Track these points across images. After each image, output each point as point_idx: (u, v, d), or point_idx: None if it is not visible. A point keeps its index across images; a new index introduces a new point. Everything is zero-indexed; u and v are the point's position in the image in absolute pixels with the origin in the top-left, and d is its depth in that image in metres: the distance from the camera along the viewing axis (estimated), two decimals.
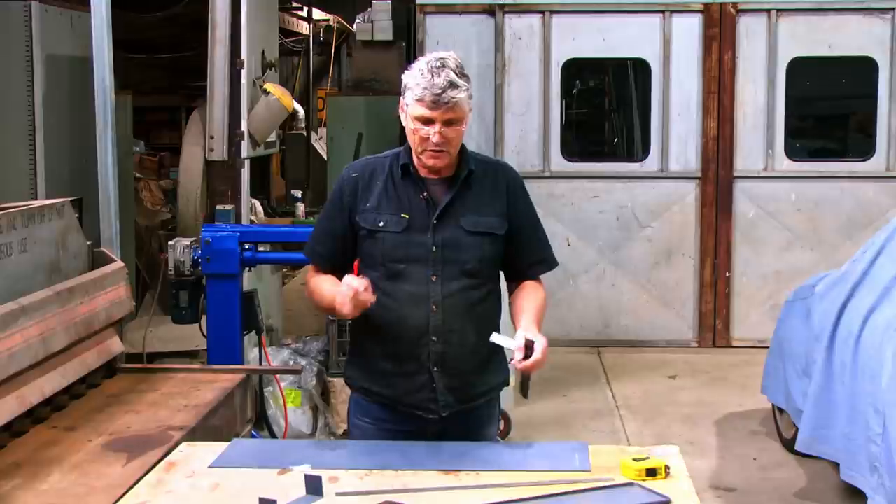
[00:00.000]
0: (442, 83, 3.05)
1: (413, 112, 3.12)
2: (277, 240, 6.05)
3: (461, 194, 3.22)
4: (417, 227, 3.18)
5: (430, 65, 3.08)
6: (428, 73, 3.07)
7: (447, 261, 3.19)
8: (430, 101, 3.06)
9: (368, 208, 3.21)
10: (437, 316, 3.18)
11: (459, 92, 3.07)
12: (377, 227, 3.19)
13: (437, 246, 3.18)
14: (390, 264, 3.19)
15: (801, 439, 5.40)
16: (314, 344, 6.90)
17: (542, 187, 8.73)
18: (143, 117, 12.52)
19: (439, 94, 3.05)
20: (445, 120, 3.10)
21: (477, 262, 3.24)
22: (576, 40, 8.85)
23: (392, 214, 3.19)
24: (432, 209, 3.19)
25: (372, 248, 3.21)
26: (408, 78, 3.13)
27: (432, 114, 3.08)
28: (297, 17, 16.61)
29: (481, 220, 3.23)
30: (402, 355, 3.18)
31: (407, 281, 3.18)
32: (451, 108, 3.08)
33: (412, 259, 3.18)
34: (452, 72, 3.07)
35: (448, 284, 3.19)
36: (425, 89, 3.06)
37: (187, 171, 7.53)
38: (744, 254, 8.87)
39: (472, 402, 3.29)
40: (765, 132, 8.79)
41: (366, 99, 9.74)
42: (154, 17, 9.65)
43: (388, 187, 3.22)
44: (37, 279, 3.79)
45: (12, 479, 3.06)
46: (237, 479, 2.88)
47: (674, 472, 2.89)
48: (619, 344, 8.86)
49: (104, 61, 5.12)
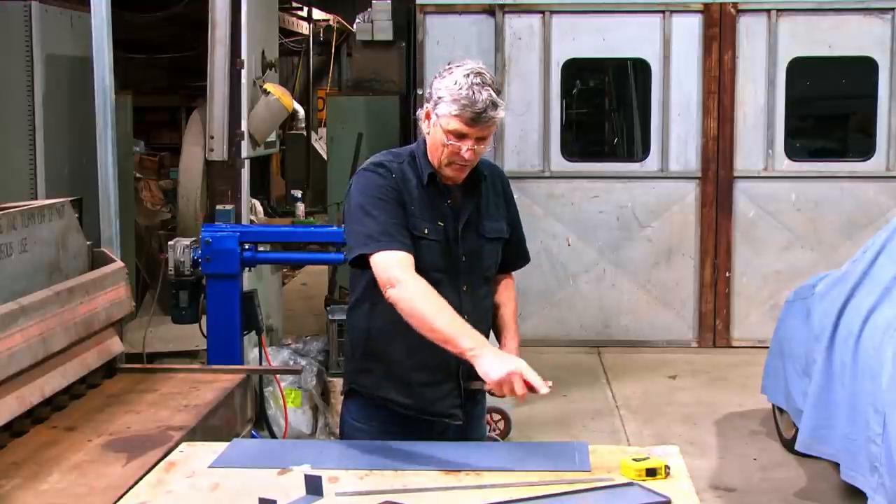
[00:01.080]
0: (484, 102, 2.97)
1: (447, 126, 3.02)
2: (277, 240, 6.05)
3: (478, 201, 3.20)
4: (449, 237, 3.15)
5: (469, 80, 2.98)
6: (468, 89, 2.97)
7: (473, 270, 3.19)
8: (470, 119, 2.98)
9: (412, 212, 3.11)
10: (470, 324, 3.17)
11: (499, 112, 3.01)
12: (423, 235, 3.10)
13: (466, 255, 3.17)
14: (432, 273, 3.08)
15: (801, 439, 5.40)
16: (314, 344, 6.91)
17: (542, 187, 8.74)
18: (143, 117, 12.54)
19: (480, 113, 2.98)
20: (479, 137, 3.04)
21: (493, 269, 3.27)
22: (576, 40, 8.85)
23: (430, 223, 3.12)
24: (457, 217, 3.16)
25: (416, 255, 3.08)
26: (442, 90, 3.01)
27: (469, 130, 3.01)
28: (297, 17, 16.63)
29: (495, 225, 3.24)
30: (432, 366, 3.15)
31: (442, 291, 3.06)
32: (488, 126, 3.02)
33: (447, 269, 3.15)
34: (492, 90, 2.99)
35: (475, 293, 3.20)
36: (466, 106, 2.97)
37: (187, 171, 7.53)
38: (744, 254, 8.88)
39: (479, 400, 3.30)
40: (765, 132, 8.79)
41: (366, 99, 9.74)
42: (154, 17, 9.66)
43: (419, 193, 3.13)
44: (37, 279, 3.78)
45: (12, 479, 3.05)
46: (237, 479, 2.88)
47: (674, 472, 2.89)
48: (619, 344, 8.86)
49: (104, 61, 5.12)
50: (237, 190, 6.75)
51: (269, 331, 6.69)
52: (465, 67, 3.02)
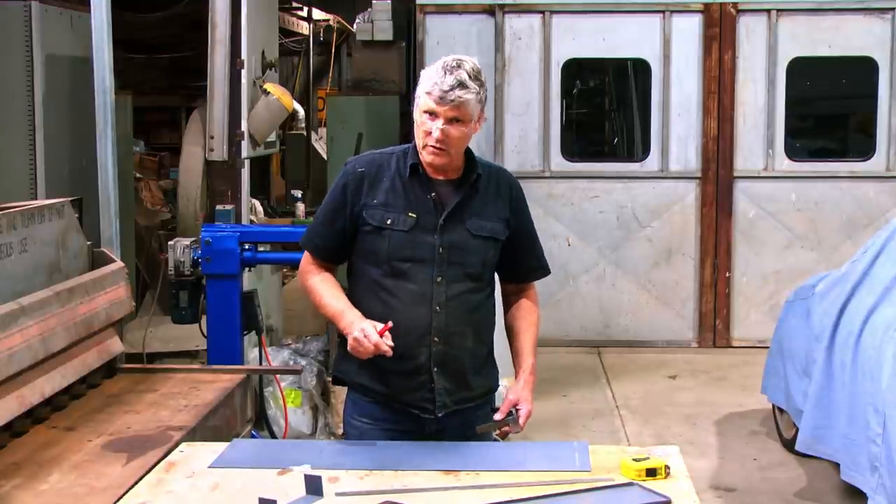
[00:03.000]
0: (452, 81, 3.09)
1: (420, 105, 3.16)
2: (277, 240, 6.05)
3: (468, 197, 3.24)
4: (424, 227, 3.19)
5: (446, 63, 3.14)
6: (441, 70, 3.11)
7: (452, 263, 3.21)
8: (437, 97, 3.10)
9: (375, 204, 3.21)
10: (441, 317, 3.19)
11: (468, 93, 3.10)
12: (384, 225, 3.19)
13: (444, 247, 3.20)
14: (395, 263, 3.19)
15: (801, 439, 5.40)
16: (314, 344, 6.91)
17: (542, 187, 8.74)
18: (143, 117, 12.52)
19: (447, 91, 3.09)
20: (449, 117, 3.12)
21: (480, 266, 3.27)
22: (576, 40, 8.85)
23: (399, 213, 3.20)
24: (440, 210, 3.21)
25: (377, 244, 3.21)
26: (423, 73, 3.19)
27: (437, 108, 3.11)
28: (297, 17, 16.60)
29: (486, 224, 3.26)
30: (402, 354, 3.16)
31: (411, 280, 3.19)
32: (456, 106, 3.10)
33: (417, 259, 3.19)
34: (466, 73, 3.11)
35: (452, 286, 3.21)
36: (435, 84, 3.11)
37: (187, 171, 7.53)
38: (744, 254, 8.88)
39: (468, 403, 3.29)
40: (765, 132, 8.79)
41: (366, 99, 9.73)
42: (154, 17, 9.65)
43: (395, 184, 3.22)
44: (37, 279, 3.78)
45: (12, 479, 3.06)
46: (237, 479, 2.88)
47: (674, 472, 2.89)
48: (619, 344, 8.86)
49: (104, 61, 5.11)
50: (237, 190, 6.75)
51: (269, 331, 6.69)
52: (450, 56, 3.18)
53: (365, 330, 3.05)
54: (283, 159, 16.62)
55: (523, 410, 3.21)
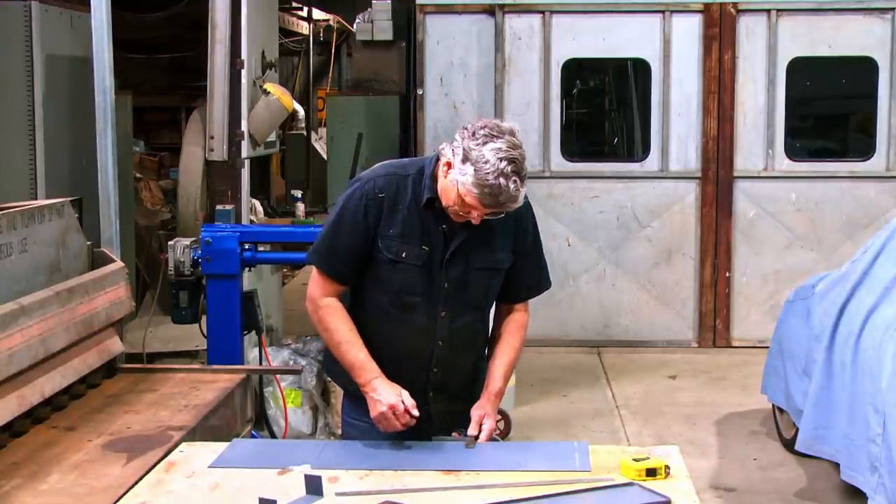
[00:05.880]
0: (507, 196, 2.92)
1: (465, 196, 2.97)
2: (277, 240, 6.05)
3: (476, 229, 3.12)
4: (434, 260, 3.14)
5: (500, 167, 2.90)
6: (496, 179, 2.90)
7: (457, 297, 3.18)
8: (488, 204, 2.96)
9: (392, 235, 3.12)
10: (443, 350, 3.21)
11: (520, 199, 2.98)
12: (400, 258, 3.12)
13: (449, 282, 3.16)
14: (406, 296, 3.15)
15: (801, 439, 5.40)
16: (314, 344, 6.89)
17: (542, 187, 8.73)
18: (143, 117, 12.53)
19: (501, 205, 2.96)
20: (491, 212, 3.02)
21: (484, 298, 3.27)
22: (576, 40, 8.85)
23: (414, 245, 3.12)
24: (447, 244, 3.14)
25: (390, 275, 3.14)
26: (468, 167, 2.93)
27: (483, 210, 3.00)
28: (297, 17, 16.61)
29: (490, 255, 3.20)
30: (401, 380, 3.15)
31: (417, 313, 3.16)
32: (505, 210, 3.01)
33: (426, 294, 3.16)
34: (519, 178, 2.93)
35: (456, 320, 3.20)
36: (488, 195, 2.92)
37: (187, 171, 7.52)
38: (744, 254, 8.87)
39: (462, 415, 3.28)
40: (765, 132, 8.79)
41: (366, 99, 9.75)
42: (154, 17, 9.64)
43: (411, 214, 3.12)
44: (37, 279, 3.79)
45: (12, 479, 3.06)
46: (237, 479, 2.88)
47: (674, 472, 2.89)
48: (619, 344, 8.86)
49: (104, 61, 5.12)
50: (237, 190, 6.75)
51: (269, 331, 6.69)
52: (500, 147, 2.92)
53: (395, 409, 3.04)
54: (283, 159, 16.63)
55: (487, 425, 3.17)
